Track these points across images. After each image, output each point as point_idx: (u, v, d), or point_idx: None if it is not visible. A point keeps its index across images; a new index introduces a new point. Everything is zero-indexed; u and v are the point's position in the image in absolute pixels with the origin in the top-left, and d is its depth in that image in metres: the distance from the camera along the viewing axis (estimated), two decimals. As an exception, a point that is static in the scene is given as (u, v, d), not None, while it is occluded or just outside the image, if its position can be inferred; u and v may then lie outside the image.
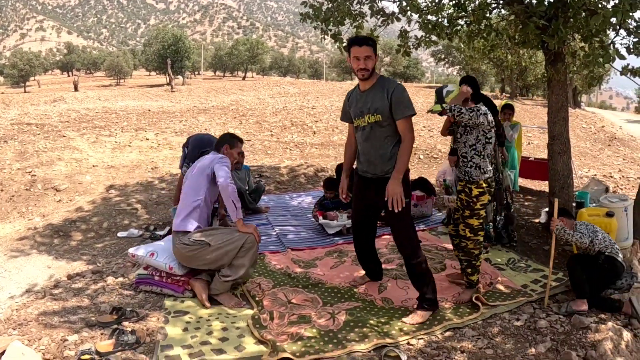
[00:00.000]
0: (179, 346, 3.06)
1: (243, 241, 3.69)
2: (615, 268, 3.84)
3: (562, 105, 5.31)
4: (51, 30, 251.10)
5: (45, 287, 4.35)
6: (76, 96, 26.81)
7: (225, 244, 3.68)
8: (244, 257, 3.70)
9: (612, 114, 30.55)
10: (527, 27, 4.51)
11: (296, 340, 3.15)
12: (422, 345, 3.22)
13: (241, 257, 3.70)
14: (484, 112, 3.63)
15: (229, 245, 3.67)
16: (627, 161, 12.03)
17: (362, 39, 3.46)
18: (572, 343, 3.29)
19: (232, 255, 3.68)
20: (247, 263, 3.73)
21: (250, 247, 3.71)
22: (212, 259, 3.68)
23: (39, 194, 7.61)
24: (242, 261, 3.70)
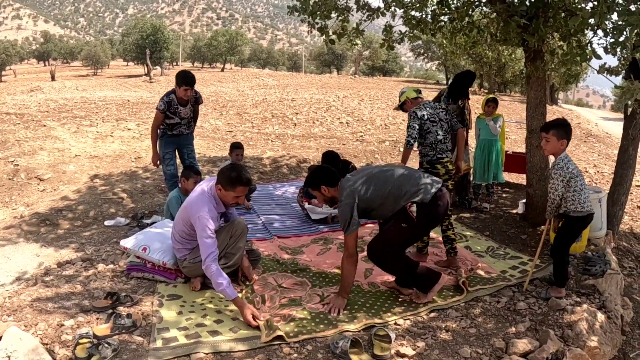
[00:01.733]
0: (174, 328, 3.16)
1: (231, 232, 3.80)
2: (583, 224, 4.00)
3: (540, 101, 5.52)
4: (27, 19, 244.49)
5: (35, 275, 4.38)
6: (53, 86, 26.35)
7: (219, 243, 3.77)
8: (234, 245, 3.81)
9: (588, 112, 31.33)
10: (509, 25, 4.68)
11: (289, 322, 3.29)
12: (408, 325, 3.40)
13: (232, 244, 3.81)
14: (412, 115, 4.59)
15: (220, 241, 3.76)
16: (601, 157, 12.42)
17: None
18: (550, 323, 3.50)
19: (224, 246, 3.78)
20: (239, 251, 3.83)
21: (240, 234, 3.82)
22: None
23: (22, 183, 7.56)
24: (234, 250, 3.81)
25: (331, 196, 3.61)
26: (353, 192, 3.45)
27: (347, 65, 58.92)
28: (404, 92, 5.09)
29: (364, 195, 3.46)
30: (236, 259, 3.84)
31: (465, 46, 7.73)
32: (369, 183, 3.52)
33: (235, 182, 3.51)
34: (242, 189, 3.55)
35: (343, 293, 3.56)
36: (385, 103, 18.73)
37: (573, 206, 3.83)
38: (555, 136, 3.79)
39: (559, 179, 3.79)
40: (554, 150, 3.85)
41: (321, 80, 35.51)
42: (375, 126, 13.28)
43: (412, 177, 3.60)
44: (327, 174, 3.62)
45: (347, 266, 3.50)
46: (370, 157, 10.00)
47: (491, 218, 6.14)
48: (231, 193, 3.54)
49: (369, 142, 11.21)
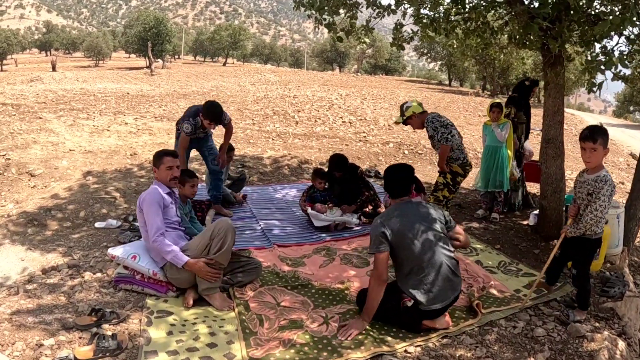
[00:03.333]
0: (163, 352, 2.87)
1: (211, 232, 3.53)
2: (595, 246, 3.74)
3: (558, 109, 5.23)
4: (30, 8, 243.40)
5: (18, 282, 4.08)
6: (54, 76, 26.08)
7: (198, 245, 3.56)
8: (218, 245, 3.50)
9: (590, 116, 31.03)
10: (530, 28, 4.39)
11: (289, 348, 3.00)
12: (419, 353, 3.12)
13: (215, 247, 3.50)
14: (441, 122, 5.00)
15: (200, 242, 3.56)
16: (607, 165, 12.15)
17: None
18: (570, 352, 3.25)
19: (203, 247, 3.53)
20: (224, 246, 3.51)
21: (222, 234, 3.50)
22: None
23: (12, 178, 7.26)
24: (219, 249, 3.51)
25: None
26: (389, 223, 3.25)
27: (349, 63, 58.66)
28: (410, 106, 5.10)
29: (396, 236, 3.24)
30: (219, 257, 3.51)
31: (477, 48, 7.44)
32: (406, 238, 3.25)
33: (160, 155, 3.83)
34: (168, 159, 3.77)
35: (366, 317, 3.27)
36: (388, 103, 18.44)
37: (596, 227, 3.50)
38: (602, 145, 3.33)
39: (608, 195, 3.38)
40: (599, 162, 3.42)
41: (323, 77, 35.21)
42: (378, 126, 12.98)
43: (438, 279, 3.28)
44: (394, 186, 3.50)
45: (375, 288, 3.19)
46: (374, 159, 9.70)
47: (501, 229, 5.85)
48: (162, 167, 3.76)
49: (373, 143, 10.91)
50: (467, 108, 19.40)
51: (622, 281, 4.40)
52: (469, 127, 14.83)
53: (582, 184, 3.55)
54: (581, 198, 3.56)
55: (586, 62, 4.33)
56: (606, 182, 3.37)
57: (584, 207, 3.51)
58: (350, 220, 5.43)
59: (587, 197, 3.47)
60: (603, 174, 3.42)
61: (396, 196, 3.43)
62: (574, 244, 3.66)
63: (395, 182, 3.46)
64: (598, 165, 3.44)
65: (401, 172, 3.51)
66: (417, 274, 3.22)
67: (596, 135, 3.33)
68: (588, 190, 3.46)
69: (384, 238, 3.16)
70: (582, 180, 3.57)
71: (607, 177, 3.39)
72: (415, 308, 3.22)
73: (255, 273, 3.90)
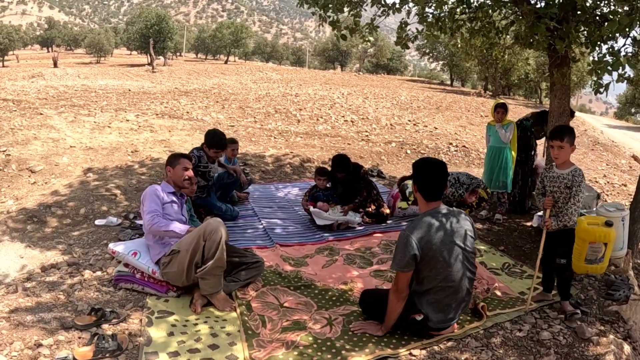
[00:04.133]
0: (164, 353, 2.82)
1: (202, 230, 3.45)
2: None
3: (564, 110, 5.20)
4: (32, 4, 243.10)
5: (17, 280, 4.04)
6: (55, 73, 26.02)
7: (188, 242, 3.49)
8: (212, 248, 3.40)
9: (592, 118, 31.00)
10: (537, 28, 4.35)
11: (292, 350, 2.95)
12: (424, 355, 3.07)
13: (210, 250, 3.41)
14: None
15: (190, 239, 3.48)
16: (610, 167, 12.10)
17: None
18: (576, 356, 3.22)
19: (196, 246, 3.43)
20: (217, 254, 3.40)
21: (215, 237, 3.40)
22: (187, 261, 3.43)
23: (13, 174, 7.21)
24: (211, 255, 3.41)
25: (415, 199, 3.21)
26: (420, 240, 2.97)
27: (351, 62, 58.57)
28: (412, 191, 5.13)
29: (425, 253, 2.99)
30: (215, 262, 3.39)
31: (481, 47, 7.39)
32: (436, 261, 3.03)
33: (177, 156, 4.01)
34: (185, 160, 3.97)
35: (384, 328, 3.18)
36: (390, 102, 18.39)
37: (575, 217, 3.69)
38: (568, 143, 3.61)
39: (583, 186, 3.64)
40: (567, 158, 3.68)
41: (325, 76, 35.15)
42: (380, 126, 12.93)
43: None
44: (429, 186, 3.08)
45: (395, 304, 3.05)
46: (376, 159, 9.65)
47: (505, 231, 5.81)
48: (178, 167, 3.90)
49: (375, 142, 10.86)
50: (469, 108, 19.34)
51: (627, 284, 4.36)
52: (471, 127, 14.77)
53: (557, 178, 3.73)
54: (559, 192, 3.72)
55: (594, 63, 4.28)
56: (582, 176, 3.63)
57: (563, 199, 3.69)
58: (353, 220, 5.38)
59: (566, 190, 3.66)
60: (577, 167, 3.68)
61: (430, 198, 3.08)
62: (559, 238, 3.75)
63: (431, 181, 3.06)
64: (567, 161, 3.68)
65: (438, 169, 3.10)
66: (436, 293, 3.08)
67: (564, 134, 3.60)
68: (566, 184, 3.65)
69: (412, 259, 2.94)
70: (554, 175, 3.75)
71: (581, 171, 3.68)
72: (424, 323, 3.14)
73: (258, 269, 3.83)
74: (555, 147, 3.64)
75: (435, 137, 12.05)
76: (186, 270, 3.44)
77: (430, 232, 2.97)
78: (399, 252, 2.96)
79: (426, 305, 3.10)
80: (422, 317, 3.10)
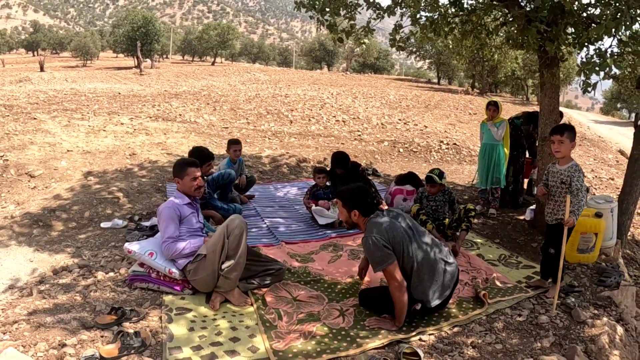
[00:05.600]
0: (187, 347, 2.95)
1: (225, 228, 3.57)
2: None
3: (554, 108, 5.40)
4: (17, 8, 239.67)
5: (30, 283, 4.11)
6: (42, 76, 25.83)
7: (214, 242, 3.60)
8: (235, 245, 3.53)
9: (578, 114, 31.49)
10: (528, 31, 4.55)
11: (309, 339, 3.11)
12: (433, 340, 3.28)
13: (233, 245, 3.53)
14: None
15: (216, 239, 3.59)
16: (597, 161, 12.39)
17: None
18: (573, 337, 3.46)
19: (220, 246, 3.55)
20: (240, 247, 3.54)
21: (239, 233, 3.54)
22: (216, 261, 3.57)
23: (12, 179, 7.26)
24: (235, 249, 3.54)
25: (355, 222, 3.43)
26: (382, 234, 3.22)
27: (337, 62, 58.72)
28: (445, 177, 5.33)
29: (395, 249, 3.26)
30: (239, 258, 3.53)
31: (472, 48, 7.58)
32: (405, 246, 3.27)
33: (183, 165, 3.88)
34: (193, 169, 3.86)
35: (397, 322, 3.33)
36: (379, 101, 18.59)
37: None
38: (568, 138, 3.81)
39: (582, 180, 3.82)
40: (567, 153, 3.87)
41: (313, 76, 35.28)
42: (372, 125, 13.11)
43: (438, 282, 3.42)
44: (366, 203, 3.39)
45: (399, 295, 3.22)
46: (370, 157, 9.83)
47: (499, 224, 6.01)
48: (187, 177, 3.84)
49: (368, 141, 11.04)
50: (457, 106, 19.61)
51: (618, 271, 4.59)
52: (460, 125, 15.02)
53: (556, 173, 3.95)
54: (555, 186, 3.95)
55: (582, 64, 4.48)
56: (579, 170, 3.83)
57: (559, 194, 3.90)
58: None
59: (561, 186, 3.87)
60: (575, 163, 3.86)
61: (370, 212, 3.41)
62: (555, 230, 3.95)
63: (365, 199, 3.43)
64: (567, 156, 3.87)
65: (361, 188, 3.52)
66: (420, 279, 3.33)
67: (563, 129, 3.85)
68: (562, 179, 3.86)
69: (387, 248, 3.18)
70: (554, 170, 3.98)
71: (579, 167, 3.86)
72: (425, 308, 3.36)
73: (282, 275, 3.93)
74: (555, 141, 3.83)
75: (426, 135, 12.26)
76: (216, 271, 3.54)
77: (384, 226, 3.25)
78: (373, 253, 3.19)
79: (421, 293, 3.32)
80: (420, 305, 3.33)
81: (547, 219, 4.04)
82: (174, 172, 3.94)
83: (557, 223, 3.89)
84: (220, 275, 3.55)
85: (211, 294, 3.64)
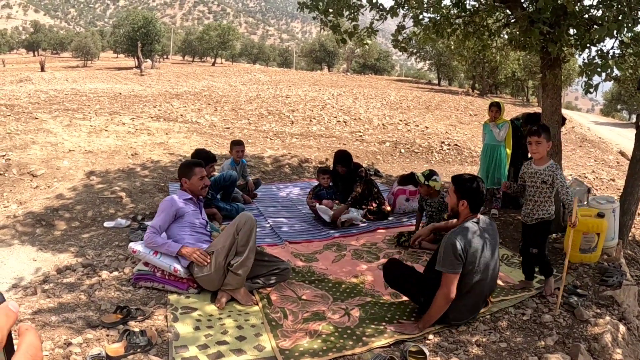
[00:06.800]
0: (193, 346, 2.96)
1: (235, 225, 3.59)
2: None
3: (555, 109, 5.42)
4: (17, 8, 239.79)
5: (33, 283, 4.12)
6: (43, 77, 25.84)
7: (223, 239, 3.63)
8: (245, 240, 3.55)
9: (578, 115, 31.53)
10: (531, 32, 4.57)
11: (315, 338, 3.13)
12: (438, 339, 3.30)
13: (242, 241, 3.55)
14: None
15: (225, 236, 3.62)
16: (598, 163, 12.41)
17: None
18: (576, 336, 3.48)
19: (230, 242, 3.57)
20: (249, 244, 3.56)
21: (249, 229, 3.55)
22: (223, 258, 3.58)
23: (14, 179, 7.27)
24: (244, 246, 3.55)
25: (457, 212, 3.44)
26: (465, 242, 3.21)
27: (338, 63, 58.76)
28: (437, 181, 5.25)
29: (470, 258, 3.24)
30: (248, 253, 3.55)
31: (474, 49, 7.60)
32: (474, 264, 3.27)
33: (190, 166, 3.94)
34: (199, 169, 3.93)
35: (421, 325, 3.32)
36: (380, 102, 18.61)
37: (552, 208, 3.99)
38: (545, 139, 3.88)
39: (563, 176, 3.91)
40: (544, 153, 3.94)
41: (313, 77, 35.32)
42: (373, 126, 13.12)
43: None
44: (477, 199, 3.38)
45: (442, 304, 3.23)
46: (372, 158, 9.84)
47: (501, 225, 6.02)
48: (194, 177, 3.89)
49: (369, 142, 11.05)
50: (457, 107, 19.62)
51: (620, 271, 4.61)
52: (461, 126, 15.03)
53: (534, 174, 3.99)
54: (535, 186, 3.98)
55: (584, 65, 4.51)
56: (559, 168, 3.93)
57: (539, 194, 3.95)
58: (356, 217, 5.57)
59: (542, 185, 3.92)
60: (553, 162, 3.96)
61: (476, 210, 3.42)
62: (535, 229, 4.03)
63: (479, 195, 3.39)
64: (544, 157, 3.95)
65: (480, 184, 3.44)
66: (461, 298, 3.29)
67: (539, 130, 3.90)
68: (542, 179, 3.91)
69: (459, 260, 3.17)
70: (532, 171, 4.02)
71: (558, 164, 4.00)
72: (444, 317, 3.36)
73: (287, 274, 3.94)
74: (533, 142, 3.90)
75: (427, 136, 12.27)
76: (223, 268, 3.56)
77: (472, 238, 3.24)
78: (446, 255, 3.17)
79: (450, 309, 3.29)
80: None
81: (526, 219, 4.07)
82: (181, 172, 3.97)
83: (537, 222, 3.97)
84: (229, 272, 3.56)
85: (216, 293, 3.65)
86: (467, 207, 3.36)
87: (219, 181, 5.95)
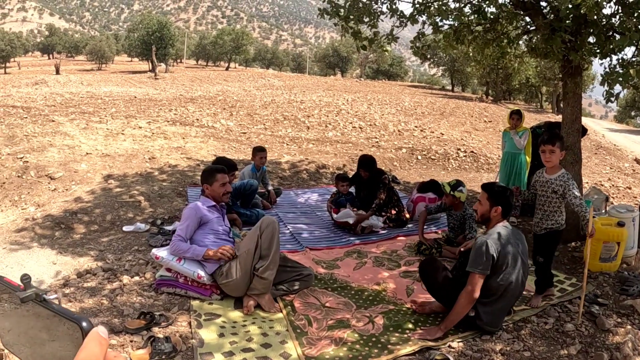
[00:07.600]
0: (219, 353, 2.95)
1: (257, 228, 3.60)
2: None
3: (576, 118, 5.37)
4: (33, 11, 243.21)
5: (54, 286, 4.14)
6: (58, 79, 26.14)
7: (247, 243, 3.63)
8: (268, 243, 3.55)
9: (592, 122, 31.21)
10: (553, 41, 4.54)
11: (341, 346, 3.10)
12: (462, 347, 3.27)
13: (265, 244, 3.55)
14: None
15: (249, 240, 3.62)
16: (614, 170, 12.27)
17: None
18: (598, 345, 3.46)
19: (254, 245, 3.56)
20: (273, 247, 3.56)
21: (271, 232, 3.56)
22: (250, 262, 3.58)
23: (32, 181, 7.33)
24: (268, 249, 3.55)
25: (489, 218, 3.48)
26: (498, 244, 3.27)
27: (351, 68, 58.83)
28: (463, 192, 5.18)
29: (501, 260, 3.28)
30: (273, 256, 3.55)
31: (492, 56, 7.56)
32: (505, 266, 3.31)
33: (212, 172, 3.94)
34: (222, 175, 3.92)
35: (443, 327, 3.32)
36: (395, 108, 18.58)
37: (562, 218, 3.94)
38: (559, 148, 3.85)
39: (575, 186, 3.84)
40: (557, 162, 3.91)
41: (327, 82, 35.39)
42: (389, 132, 13.10)
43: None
44: (510, 205, 3.49)
45: (465, 303, 3.25)
46: (389, 165, 9.81)
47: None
48: (216, 183, 3.89)
49: (386, 148, 11.02)
50: (472, 114, 19.53)
51: None
52: (476, 133, 14.95)
53: (545, 183, 3.96)
54: (545, 196, 3.96)
55: (605, 75, 4.47)
56: (571, 178, 3.89)
57: (549, 203, 3.93)
58: (377, 224, 5.54)
59: (552, 195, 3.90)
60: (565, 172, 3.92)
61: (506, 216, 3.50)
62: (545, 239, 4.00)
63: (511, 202, 3.50)
64: (556, 165, 3.92)
65: (510, 191, 3.56)
66: (496, 301, 3.34)
67: (554, 139, 3.87)
68: (553, 188, 3.88)
69: (489, 262, 3.22)
70: (543, 180, 3.99)
71: (569, 174, 3.93)
72: (474, 319, 3.37)
73: (310, 281, 3.94)
74: (547, 151, 3.86)
75: (443, 142, 12.22)
76: (249, 273, 3.56)
77: (504, 241, 3.29)
78: (477, 255, 3.23)
79: (482, 308, 3.33)
80: (474, 313, 3.33)
81: (535, 229, 4.05)
82: (204, 178, 3.99)
83: (545, 233, 3.94)
84: (255, 276, 3.55)
85: (240, 299, 3.64)
86: (501, 213, 3.43)
87: (240, 189, 5.97)
